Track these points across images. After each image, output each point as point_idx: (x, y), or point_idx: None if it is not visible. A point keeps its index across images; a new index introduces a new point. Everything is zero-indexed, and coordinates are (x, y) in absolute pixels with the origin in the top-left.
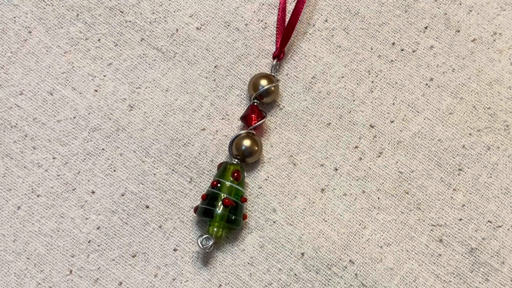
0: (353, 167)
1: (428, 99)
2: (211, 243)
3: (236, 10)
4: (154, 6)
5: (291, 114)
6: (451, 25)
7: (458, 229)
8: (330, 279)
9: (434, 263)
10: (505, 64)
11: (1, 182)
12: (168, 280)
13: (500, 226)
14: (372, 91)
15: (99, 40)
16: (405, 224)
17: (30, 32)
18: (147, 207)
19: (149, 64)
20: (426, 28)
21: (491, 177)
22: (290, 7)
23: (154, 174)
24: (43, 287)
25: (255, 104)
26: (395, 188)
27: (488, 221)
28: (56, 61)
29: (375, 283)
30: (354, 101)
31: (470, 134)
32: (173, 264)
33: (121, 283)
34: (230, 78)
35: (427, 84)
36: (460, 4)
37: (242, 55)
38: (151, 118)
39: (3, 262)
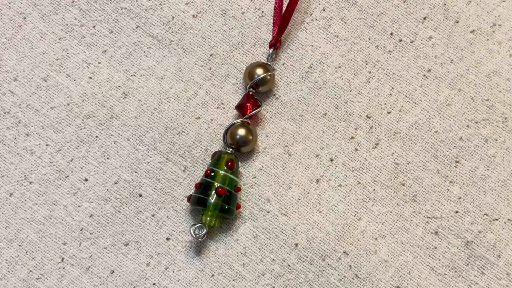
0: (349, 158)
1: (425, 90)
2: (204, 232)
3: None
4: None
5: (287, 103)
6: (450, 15)
7: (454, 222)
8: (323, 270)
9: (430, 256)
10: (504, 56)
11: None
12: (161, 269)
13: (496, 219)
14: (369, 82)
15: (94, 27)
16: (400, 216)
17: (25, 18)
18: (140, 195)
19: (144, 52)
20: (424, 18)
21: (488, 169)
22: None
23: (148, 163)
24: (35, 274)
25: (251, 93)
26: (391, 179)
27: (485, 214)
28: (50, 48)
29: (369, 275)
30: (350, 91)
31: (467, 126)
32: (165, 253)
33: (113, 271)
34: (225, 67)
35: (425, 75)
36: None
37: (238, 44)
38: (146, 106)
39: None
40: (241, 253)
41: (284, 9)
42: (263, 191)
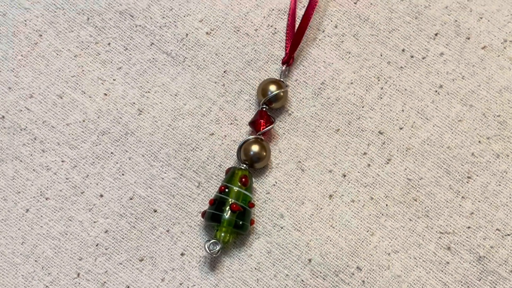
0: (362, 173)
1: (437, 106)
2: (218, 248)
3: (246, 15)
4: (164, 11)
5: (300, 119)
6: (461, 32)
7: (467, 237)
8: (337, 286)
9: (442, 271)
10: None
11: (10, 184)
12: (175, 285)
13: (508, 235)
14: (381, 98)
15: (109, 44)
16: (413, 231)
17: (41, 35)
18: (155, 211)
19: (158, 69)
20: (436, 35)
21: (500, 185)
22: (300, 12)
23: (163, 179)
24: None
25: (264, 109)
26: (404, 195)
27: (497, 229)
28: (66, 65)
29: None
30: (363, 107)
31: (479, 141)
32: (180, 268)
33: (128, 286)
34: (239, 83)
35: (436, 91)
36: (471, 11)
37: (251, 60)
38: (160, 123)
39: (11, 264)
40: (255, 269)
41: (297, 26)
42: (276, 207)
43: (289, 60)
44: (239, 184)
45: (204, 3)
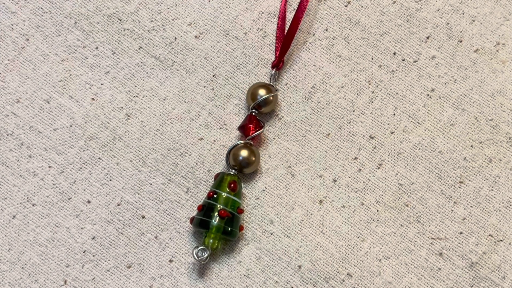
0: (352, 178)
1: (429, 110)
2: (206, 255)
3: (235, 19)
4: (152, 14)
5: (290, 124)
6: (454, 35)
7: (459, 243)
8: None
9: (434, 277)
10: (508, 75)
11: None
12: None
13: (501, 240)
14: (372, 102)
15: (96, 48)
16: (404, 237)
17: (28, 39)
18: (143, 217)
19: (147, 73)
20: (428, 38)
21: (492, 190)
22: (290, 16)
23: (151, 184)
24: None
25: (253, 114)
26: (395, 200)
27: (489, 235)
28: (53, 69)
29: None
30: (354, 111)
31: (471, 146)
32: (168, 275)
33: None
34: (228, 87)
35: (428, 95)
36: (463, 14)
37: (241, 64)
38: (148, 127)
39: None
40: (244, 275)
41: (286, 29)
42: (266, 213)
43: (279, 64)
44: (228, 189)
45: (193, 6)
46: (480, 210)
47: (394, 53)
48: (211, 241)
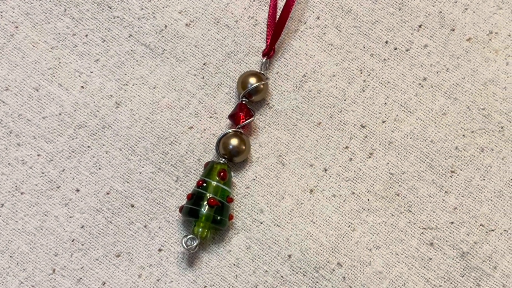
0: (343, 167)
1: (421, 99)
2: (196, 244)
3: (226, 7)
4: (142, 2)
5: (281, 113)
6: (446, 23)
7: (450, 233)
8: (317, 282)
9: (425, 267)
10: (501, 64)
11: None
12: (153, 281)
13: (492, 230)
14: (363, 91)
15: (86, 35)
16: (395, 226)
17: (17, 27)
18: (132, 206)
19: (137, 61)
20: (420, 26)
21: (484, 179)
22: (281, 3)
23: (140, 173)
24: (26, 286)
25: (244, 102)
26: (386, 189)
27: (481, 225)
28: (42, 57)
29: (363, 286)
30: (345, 100)
31: (463, 135)
32: (157, 264)
33: (104, 283)
34: (219, 76)
35: (420, 84)
36: (456, 2)
37: (231, 52)
38: (138, 116)
39: None
40: (234, 264)
41: (278, 17)
42: (256, 202)
43: (269, 52)
44: (218, 178)
45: None
46: (472, 200)
47: (386, 42)
48: (200, 230)
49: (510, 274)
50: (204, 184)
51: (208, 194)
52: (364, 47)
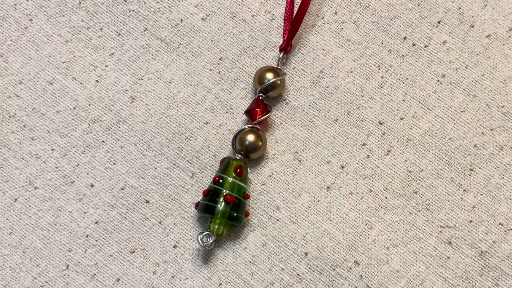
0: (360, 165)
1: (439, 96)
2: (211, 241)
3: (242, 1)
4: None
5: (298, 109)
6: (465, 20)
7: (468, 231)
8: (334, 280)
9: (442, 266)
10: None
11: None
12: (167, 278)
13: (511, 229)
14: (381, 87)
15: (101, 29)
16: (413, 225)
17: (31, 19)
18: (147, 202)
19: (152, 55)
20: (439, 22)
21: (503, 178)
22: None
23: (155, 168)
24: (39, 281)
25: (260, 98)
26: (404, 187)
27: (499, 224)
28: (57, 50)
29: (381, 285)
30: (362, 96)
31: (482, 133)
32: (172, 261)
33: (118, 279)
34: (235, 71)
35: (439, 81)
36: None
37: (248, 47)
38: (153, 111)
39: None
40: (250, 262)
41: (295, 12)
42: (272, 199)
43: (286, 48)
44: (234, 174)
45: None
46: (491, 198)
47: (405, 38)
48: (216, 226)
49: None
50: (221, 181)
51: (224, 191)
52: (382, 43)
